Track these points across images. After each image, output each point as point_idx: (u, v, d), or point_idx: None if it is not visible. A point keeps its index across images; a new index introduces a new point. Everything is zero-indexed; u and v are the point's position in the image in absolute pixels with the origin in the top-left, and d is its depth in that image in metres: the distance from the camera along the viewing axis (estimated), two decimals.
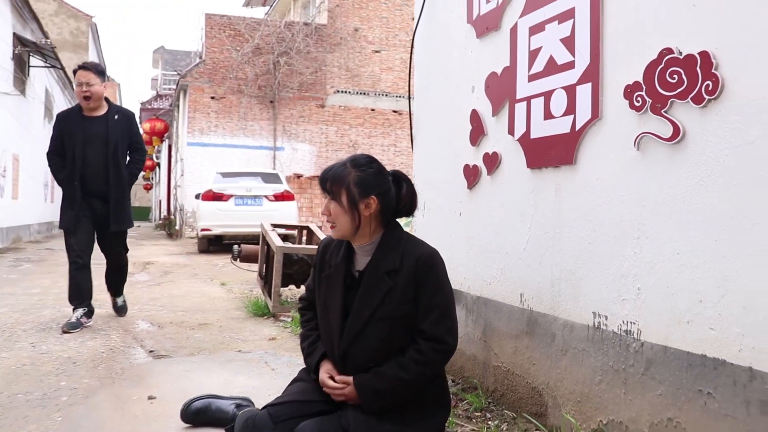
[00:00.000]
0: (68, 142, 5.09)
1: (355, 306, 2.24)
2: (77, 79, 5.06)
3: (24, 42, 15.42)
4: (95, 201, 5.12)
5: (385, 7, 21.02)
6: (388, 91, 20.74)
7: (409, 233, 2.38)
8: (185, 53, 40.64)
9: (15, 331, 4.82)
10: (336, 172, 2.30)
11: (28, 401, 3.16)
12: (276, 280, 5.46)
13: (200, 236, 13.11)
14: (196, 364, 3.92)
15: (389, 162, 20.58)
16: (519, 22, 2.86)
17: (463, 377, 3.31)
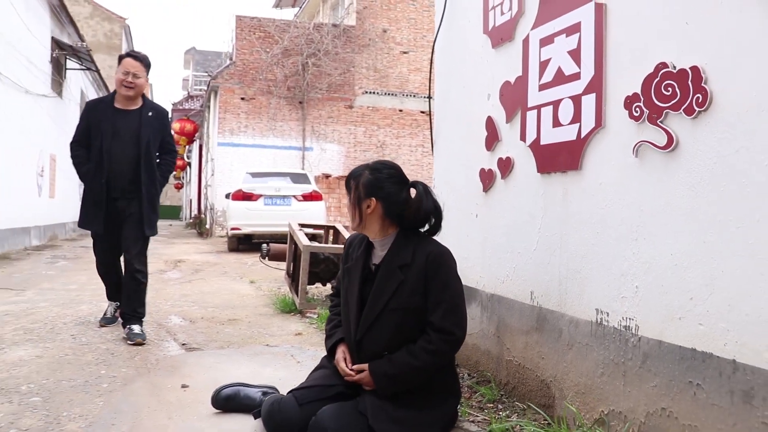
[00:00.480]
0: (95, 133, 4.73)
1: (370, 297, 2.46)
2: (123, 67, 4.71)
3: (61, 45, 15.89)
4: (121, 201, 4.77)
5: (413, 8, 21.19)
6: (416, 92, 20.89)
7: (424, 235, 2.56)
8: (216, 54, 41.22)
9: (56, 324, 5.08)
10: (355, 172, 2.59)
11: (72, 387, 3.39)
12: (303, 278, 5.67)
13: (230, 235, 13.40)
14: (225, 356, 4.13)
15: (417, 162, 20.76)
16: (530, 34, 3.02)
17: (478, 371, 3.48)
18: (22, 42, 12.55)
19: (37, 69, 14.09)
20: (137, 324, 4.65)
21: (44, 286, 7.42)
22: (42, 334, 4.68)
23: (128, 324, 4.64)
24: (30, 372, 3.64)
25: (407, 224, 2.54)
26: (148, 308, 5.80)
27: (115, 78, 4.77)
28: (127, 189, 4.74)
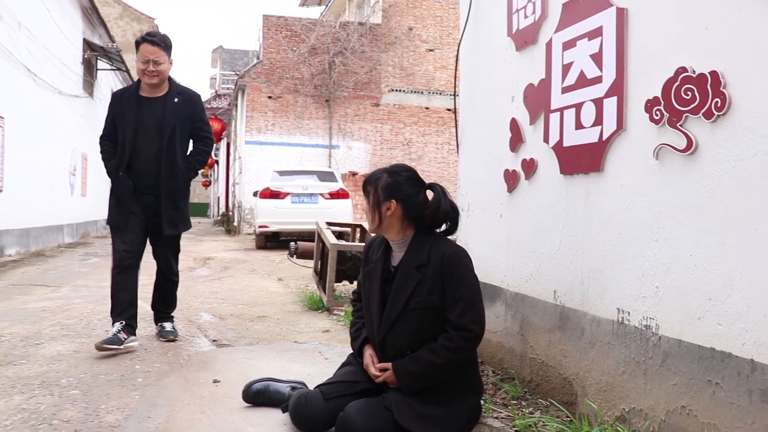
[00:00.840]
0: (120, 126, 4.38)
1: (390, 297, 2.54)
2: (142, 54, 4.29)
3: (92, 47, 16.20)
4: (147, 197, 4.39)
5: (438, 6, 21.19)
6: (442, 90, 20.92)
7: (440, 236, 2.63)
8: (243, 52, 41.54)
9: (91, 320, 5.23)
10: (373, 175, 2.66)
11: (108, 381, 3.51)
12: (330, 276, 5.76)
13: (258, 233, 13.57)
14: (255, 352, 4.23)
15: (443, 160, 20.80)
16: (554, 38, 3.07)
17: (503, 368, 3.54)
18: (56, 45, 12.82)
19: (70, 70, 14.38)
20: (169, 321, 4.67)
21: (78, 283, 7.60)
22: (78, 330, 4.83)
23: (160, 321, 4.65)
24: (69, 366, 3.78)
25: (425, 225, 2.61)
26: (179, 305, 5.95)
27: (136, 67, 4.38)
28: (153, 184, 4.38)
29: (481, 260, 3.79)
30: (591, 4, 2.78)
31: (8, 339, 4.50)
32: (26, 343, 4.38)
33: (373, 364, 2.60)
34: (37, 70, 11.76)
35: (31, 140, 11.78)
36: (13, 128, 10.62)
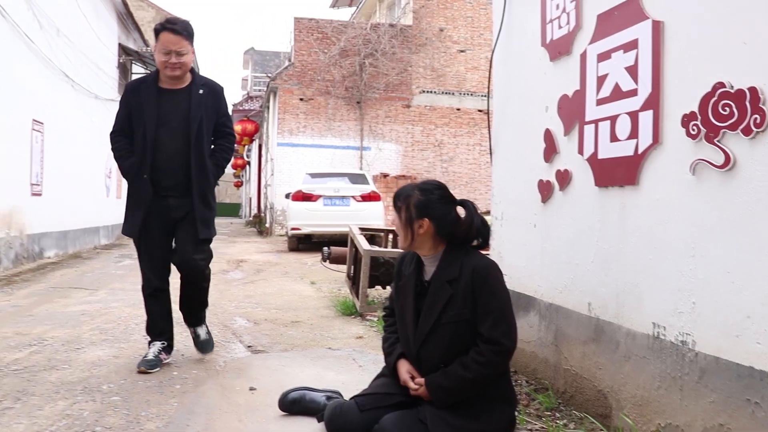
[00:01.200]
0: (137, 120, 3.98)
1: (423, 311, 2.57)
2: (163, 44, 3.86)
3: (127, 51, 16.48)
4: (171, 199, 4.01)
5: (469, 7, 21.14)
6: (474, 91, 20.86)
7: (471, 250, 2.64)
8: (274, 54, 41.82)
9: (129, 324, 5.34)
10: (404, 191, 2.66)
11: (147, 387, 3.59)
12: (363, 281, 5.80)
13: (290, 235, 13.68)
14: (290, 359, 4.28)
15: (474, 161, 20.74)
16: (588, 49, 3.06)
17: (536, 378, 3.54)
18: (92, 50, 13.07)
19: (106, 75, 14.65)
20: (202, 326, 4.31)
21: (115, 286, 7.75)
22: (116, 335, 4.93)
23: (193, 327, 4.29)
24: (109, 372, 3.87)
25: (457, 241, 2.62)
26: (214, 309, 6.04)
27: (155, 58, 3.99)
28: (178, 184, 4.00)
29: (514, 269, 3.80)
30: (626, 16, 2.78)
31: (51, 343, 4.62)
32: (68, 347, 4.49)
33: (411, 378, 2.63)
34: (74, 75, 12.01)
35: (69, 144, 12.03)
36: (52, 133, 10.85)
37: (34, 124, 10.15)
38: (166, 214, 4.01)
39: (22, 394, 3.44)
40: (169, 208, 4.01)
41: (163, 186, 3.99)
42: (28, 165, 9.98)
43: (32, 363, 4.06)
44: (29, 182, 10.06)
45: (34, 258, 10.24)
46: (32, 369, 3.93)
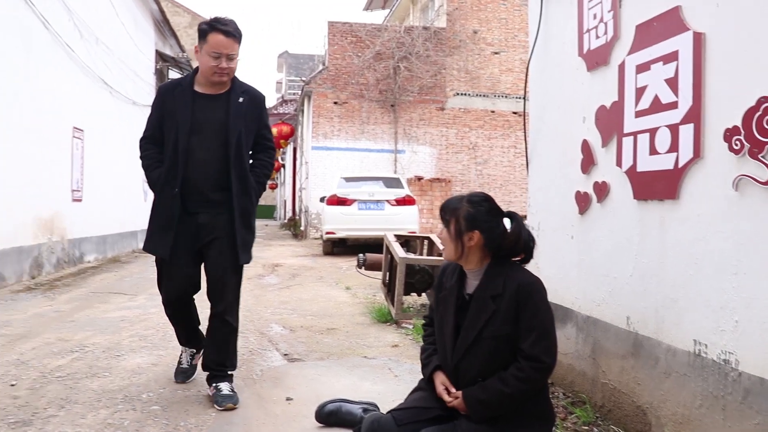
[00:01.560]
0: (169, 127, 3.59)
1: (464, 325, 2.56)
2: (213, 47, 3.45)
3: (164, 57, 16.74)
4: (202, 215, 3.60)
5: (503, 8, 21.02)
6: (508, 93, 20.73)
7: (514, 264, 2.62)
8: (308, 57, 42.09)
9: (167, 331, 5.39)
10: (452, 203, 2.64)
11: (186, 397, 3.64)
12: (398, 288, 5.81)
13: (325, 239, 13.75)
14: (326, 368, 4.30)
15: (509, 163, 20.61)
16: (626, 60, 3.03)
17: (573, 391, 3.51)
18: (129, 57, 13.29)
19: (143, 81, 14.88)
20: (226, 381, 3.62)
21: (153, 291, 7.82)
22: (155, 342, 5.00)
23: (214, 382, 3.61)
24: (148, 380, 3.93)
25: (503, 254, 2.61)
26: (250, 316, 6.09)
27: (200, 60, 3.55)
28: (210, 200, 3.60)
29: (551, 281, 3.76)
30: (666, 27, 2.74)
31: (92, 350, 4.70)
32: (108, 354, 4.57)
33: (447, 391, 2.63)
34: (112, 82, 12.23)
35: (108, 151, 12.27)
36: (92, 140, 11.07)
37: (74, 131, 10.36)
38: (194, 232, 3.61)
39: (66, 401, 3.52)
40: (198, 226, 3.60)
41: (192, 201, 3.59)
42: (69, 171, 10.20)
43: (74, 370, 4.14)
44: (70, 188, 10.28)
45: (75, 262, 10.46)
46: (74, 376, 4.01)
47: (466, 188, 20.42)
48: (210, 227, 3.60)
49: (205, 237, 3.61)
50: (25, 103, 8.14)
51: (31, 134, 8.55)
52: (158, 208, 3.64)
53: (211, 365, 3.66)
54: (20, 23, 8.16)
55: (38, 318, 5.94)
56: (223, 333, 3.67)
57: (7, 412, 3.35)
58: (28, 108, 8.33)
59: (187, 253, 3.62)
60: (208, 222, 3.60)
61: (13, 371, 4.11)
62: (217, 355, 3.66)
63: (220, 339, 3.67)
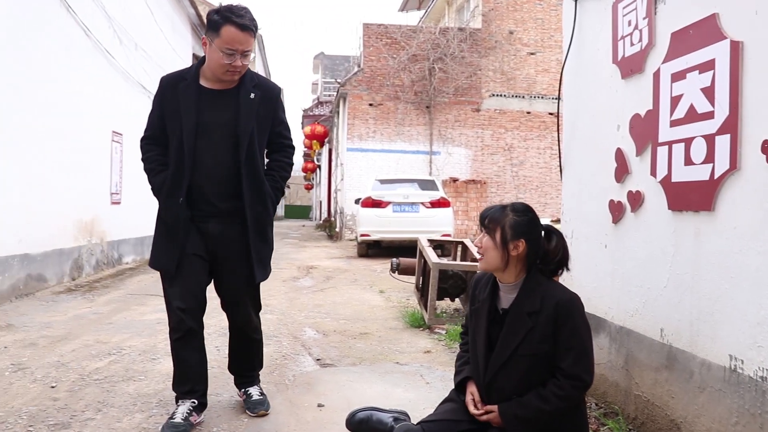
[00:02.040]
0: (173, 127, 3.23)
1: (499, 342, 2.54)
2: (226, 42, 3.03)
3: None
4: (211, 225, 3.28)
5: (540, 8, 20.86)
6: (544, 94, 20.58)
7: (550, 279, 2.60)
8: (344, 58, 42.23)
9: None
10: (495, 211, 2.60)
11: (218, 402, 3.68)
12: (432, 294, 5.80)
13: (360, 241, 13.80)
14: (357, 374, 4.32)
15: (545, 165, 20.45)
16: (661, 68, 2.98)
17: (606, 402, 3.47)
18: (167, 61, 13.47)
19: None
20: (255, 385, 3.62)
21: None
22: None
23: (243, 387, 3.61)
24: None
25: (540, 268, 2.58)
26: (284, 320, 6.14)
27: (210, 55, 3.14)
28: (220, 210, 3.28)
29: (584, 289, 3.73)
30: (702, 35, 2.69)
31: (128, 353, 4.79)
32: (144, 357, 4.64)
33: (474, 403, 2.61)
34: (151, 87, 12.41)
35: None
36: (131, 143, 11.27)
37: (113, 135, 10.56)
38: (204, 242, 3.28)
39: (103, 405, 3.59)
40: (208, 236, 3.28)
41: (200, 210, 3.26)
42: (108, 175, 10.40)
43: (111, 373, 4.22)
44: (109, 191, 10.48)
45: (113, 264, 10.65)
46: (111, 379, 4.09)
47: (502, 190, 20.33)
48: (221, 239, 3.28)
49: (216, 250, 3.29)
50: (66, 108, 8.32)
51: (71, 139, 8.74)
52: (163, 218, 3.29)
53: (239, 371, 3.64)
54: (62, 31, 8.34)
55: (78, 320, 6.06)
56: (245, 345, 3.59)
57: (47, 414, 3.44)
58: (69, 113, 8.52)
59: (197, 269, 3.26)
60: (218, 231, 3.28)
61: (53, 373, 4.21)
62: (243, 363, 3.63)
63: (243, 350, 3.60)
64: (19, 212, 7.19)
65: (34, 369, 4.30)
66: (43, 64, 7.76)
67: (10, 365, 4.39)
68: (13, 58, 7.07)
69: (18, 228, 7.19)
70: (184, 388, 3.28)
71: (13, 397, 3.72)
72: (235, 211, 3.27)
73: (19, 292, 7.18)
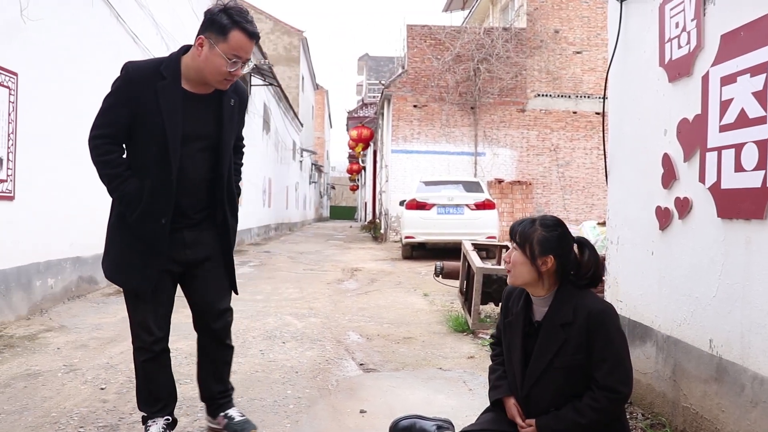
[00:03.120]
0: (151, 132, 2.81)
1: (534, 355, 2.51)
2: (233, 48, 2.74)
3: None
4: (186, 232, 3.00)
5: (585, 6, 20.55)
6: (591, 93, 20.26)
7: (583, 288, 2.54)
8: (388, 59, 42.35)
9: (246, 337, 5.54)
10: (524, 226, 2.57)
11: (262, 407, 3.72)
12: (476, 298, 5.76)
13: (404, 243, 13.79)
14: (400, 379, 4.31)
15: (592, 165, 20.14)
16: (710, 71, 2.90)
17: (652, 413, 3.39)
18: None
19: None
20: (233, 407, 3.33)
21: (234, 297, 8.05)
22: (235, 349, 5.12)
23: (223, 410, 3.28)
24: None
25: (573, 281, 2.54)
26: (328, 323, 6.18)
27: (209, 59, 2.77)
28: (194, 218, 3.03)
29: (630, 297, 3.67)
30: (754, 37, 2.61)
31: (174, 355, 4.79)
32: (190, 360, 4.70)
33: (520, 416, 2.59)
34: None
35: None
36: None
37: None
38: (178, 252, 2.99)
39: None
40: (183, 244, 3.00)
41: (175, 221, 2.95)
42: None
43: None
44: None
45: None
46: None
47: (548, 191, 20.11)
48: (195, 245, 3.04)
49: (189, 255, 3.03)
50: None
51: None
52: (137, 234, 2.90)
53: (214, 395, 3.28)
54: (111, 38, 8.52)
55: (126, 322, 6.08)
56: (224, 356, 3.31)
57: (97, 416, 3.52)
58: None
59: (168, 289, 3.05)
60: (193, 239, 3.03)
61: (103, 375, 4.30)
62: (220, 382, 3.30)
63: (221, 363, 3.30)
64: (71, 216, 7.37)
65: (85, 370, 4.40)
66: (94, 73, 7.95)
67: (62, 366, 4.51)
68: (70, 69, 7.25)
69: (70, 232, 7.37)
70: (155, 407, 3.08)
71: (65, 398, 3.82)
72: (207, 219, 3.06)
73: (71, 294, 7.36)
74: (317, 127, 53.56)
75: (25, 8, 6.10)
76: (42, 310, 6.57)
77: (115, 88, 2.86)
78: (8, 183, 6.00)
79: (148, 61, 2.95)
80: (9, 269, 6.03)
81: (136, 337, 3.05)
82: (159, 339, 3.03)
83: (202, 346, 3.28)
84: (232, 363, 3.36)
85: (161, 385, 3.10)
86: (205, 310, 3.17)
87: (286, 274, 10.57)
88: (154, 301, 2.98)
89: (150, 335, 3.01)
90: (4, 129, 5.89)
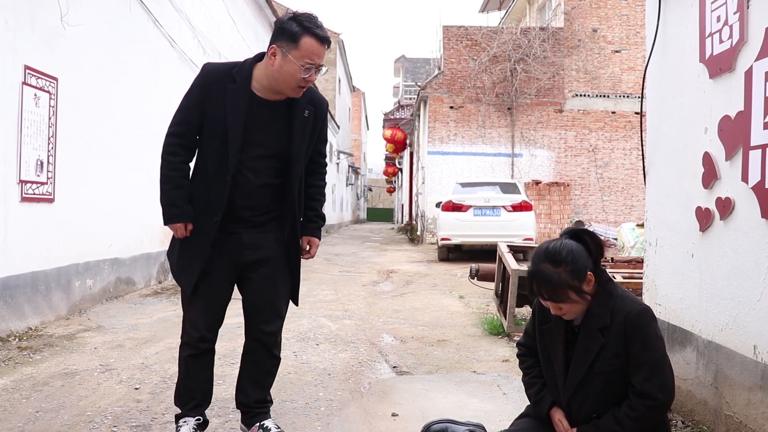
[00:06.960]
0: (213, 132, 2.89)
1: (573, 361, 2.43)
2: (307, 55, 2.74)
3: None
4: (245, 235, 2.97)
5: (624, 5, 20.23)
6: (630, 92, 19.92)
7: (621, 290, 2.46)
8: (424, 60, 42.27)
9: (283, 340, 5.52)
10: (549, 282, 2.37)
11: (294, 409, 3.70)
12: (511, 301, 5.68)
13: (440, 245, 13.71)
14: (434, 383, 4.25)
15: (631, 166, 19.82)
16: (754, 66, 2.80)
17: (693, 421, 3.28)
18: None
19: None
20: (270, 418, 3.19)
21: None
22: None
23: (258, 421, 3.14)
24: None
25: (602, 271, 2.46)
26: (362, 325, 6.15)
27: (283, 67, 2.78)
28: (254, 221, 3.00)
29: (669, 300, 3.57)
30: None
31: None
32: (224, 361, 4.71)
33: (566, 430, 2.51)
34: None
35: None
36: None
37: None
38: (235, 253, 2.98)
39: None
40: (241, 245, 2.98)
41: (232, 222, 2.96)
42: None
43: None
44: None
45: None
46: None
47: (586, 192, 19.85)
48: (254, 247, 3.00)
49: (248, 258, 3.00)
50: (153, 117, 8.59)
51: (158, 147, 9.00)
52: (189, 237, 2.96)
53: (250, 404, 3.17)
54: (149, 43, 8.63)
55: (162, 323, 6.24)
56: (268, 366, 3.20)
57: (130, 416, 3.54)
58: (156, 122, 8.78)
59: (226, 276, 3.02)
60: (252, 241, 2.99)
61: (137, 375, 4.34)
62: (259, 391, 3.18)
63: (263, 373, 3.19)
64: (109, 218, 7.48)
65: (120, 370, 4.44)
66: (133, 77, 8.06)
67: (99, 365, 4.56)
68: (108, 73, 7.36)
69: (108, 233, 7.48)
70: (189, 404, 3.09)
71: (100, 397, 3.86)
72: (271, 223, 3.04)
73: (109, 294, 7.46)
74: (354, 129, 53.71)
75: (65, 14, 6.20)
76: (81, 310, 6.67)
77: (190, 88, 2.97)
78: (48, 185, 6.10)
79: (224, 64, 3.03)
80: (49, 270, 6.13)
81: (185, 332, 3.08)
82: (205, 338, 3.04)
83: (247, 351, 3.21)
84: (275, 375, 3.27)
85: (199, 384, 3.10)
86: (254, 313, 3.12)
87: (321, 275, 10.58)
88: (207, 299, 2.99)
89: (197, 332, 3.02)
90: (44, 133, 6.00)
